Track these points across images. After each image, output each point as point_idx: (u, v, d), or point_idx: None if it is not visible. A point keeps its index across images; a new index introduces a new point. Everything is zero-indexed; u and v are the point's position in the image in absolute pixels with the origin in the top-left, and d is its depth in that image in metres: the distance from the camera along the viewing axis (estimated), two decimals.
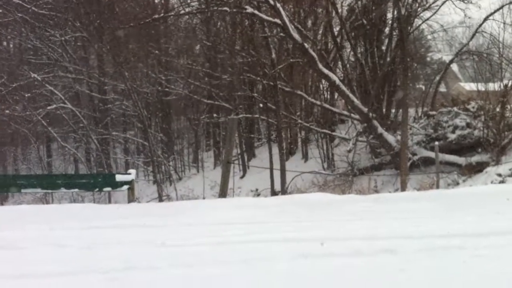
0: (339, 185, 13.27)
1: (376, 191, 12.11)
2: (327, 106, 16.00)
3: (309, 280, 3.37)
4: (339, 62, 16.91)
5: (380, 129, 13.85)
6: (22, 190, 10.52)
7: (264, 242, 4.46)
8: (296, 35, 12.75)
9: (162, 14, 16.35)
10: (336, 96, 17.77)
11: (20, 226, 6.77)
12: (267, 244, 4.40)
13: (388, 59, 15.84)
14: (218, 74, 18.03)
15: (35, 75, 21.21)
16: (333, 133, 16.69)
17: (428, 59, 22.53)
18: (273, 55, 14.50)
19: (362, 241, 4.29)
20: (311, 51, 12.97)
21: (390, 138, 13.92)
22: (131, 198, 9.66)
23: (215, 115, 19.36)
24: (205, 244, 4.62)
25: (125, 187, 9.78)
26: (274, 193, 13.20)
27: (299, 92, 15.49)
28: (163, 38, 21.25)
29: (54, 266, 4.28)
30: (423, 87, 21.81)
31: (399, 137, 13.44)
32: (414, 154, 13.78)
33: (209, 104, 19.24)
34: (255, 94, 17.40)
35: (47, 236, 6.08)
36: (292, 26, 13.02)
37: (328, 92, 18.35)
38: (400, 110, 14.77)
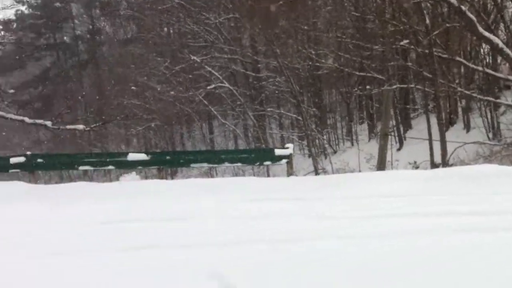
0: (508, 156, 12.29)
1: None
2: (490, 71, 14.83)
3: (480, 256, 3.26)
4: (501, 24, 15.50)
5: None
6: (191, 165, 11.46)
7: (426, 216, 4.37)
8: None
9: None
10: (499, 61, 16.34)
11: (194, 199, 7.42)
12: (430, 217, 4.31)
13: None
14: (368, 45, 17.63)
15: (195, 57, 22.69)
16: (498, 100, 15.43)
17: None
18: (427, 21, 13.77)
19: None
20: (469, 13, 12.08)
21: None
22: (290, 171, 9.98)
23: (367, 87, 19.01)
24: (363, 217, 4.65)
25: (284, 161, 10.14)
26: (434, 165, 12.66)
27: (457, 59, 14.55)
28: (312, 13, 21.30)
29: (223, 236, 4.66)
30: None
31: None
32: None
33: (360, 76, 18.94)
34: (409, 63, 16.73)
35: (216, 208, 6.60)
36: None
37: (490, 57, 16.95)
38: None
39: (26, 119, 17.32)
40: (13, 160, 13.60)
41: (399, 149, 17.60)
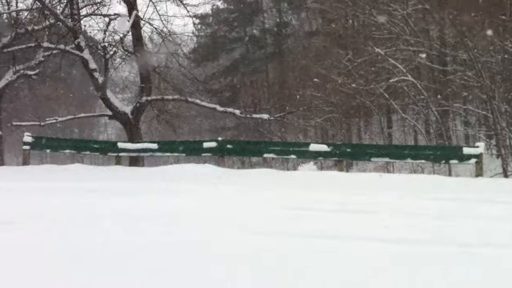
0: None
1: None
2: None
3: None
4: None
5: None
6: (371, 159, 11.46)
7: None
8: None
9: None
10: None
11: (372, 192, 7.47)
12: None
13: None
14: None
15: (378, 50, 22.34)
16: None
17: None
18: None
19: None
20: None
21: None
22: (478, 172, 9.45)
23: None
24: None
25: (473, 160, 9.63)
26: None
27: None
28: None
29: (409, 233, 4.65)
30: None
31: None
32: None
33: None
34: None
35: (396, 203, 6.57)
36: None
37: None
38: None
39: (218, 107, 18.89)
40: (206, 145, 14.98)
41: None
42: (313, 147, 12.56)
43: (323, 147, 12.43)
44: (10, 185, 8.38)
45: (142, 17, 17.61)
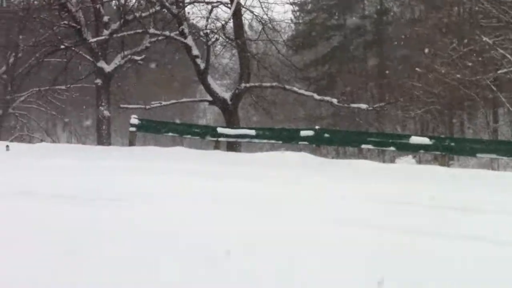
0: None
1: None
2: None
3: None
4: None
5: None
6: (477, 155, 10.88)
7: None
8: None
9: None
10: None
11: (468, 189, 7.10)
12: None
13: None
14: None
15: (486, 39, 21.06)
16: None
17: None
18: None
19: None
20: None
21: None
22: None
23: None
24: None
25: None
26: None
27: None
28: None
29: None
30: None
31: None
32: None
33: None
34: None
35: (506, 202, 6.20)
36: None
37: None
38: None
39: (315, 96, 18.79)
40: (303, 133, 14.98)
41: None
42: (414, 139, 12.16)
43: (425, 140, 12.00)
44: (117, 164, 8.94)
45: (243, 4, 17.85)
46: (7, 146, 14.63)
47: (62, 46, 18.89)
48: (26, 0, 21.52)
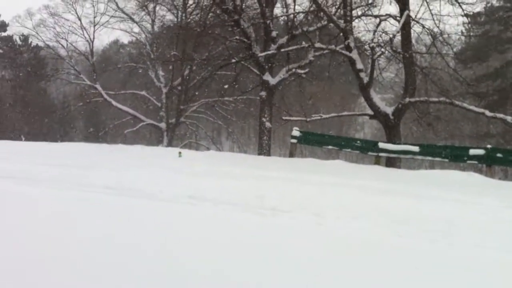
0: None
1: None
2: None
3: None
4: None
5: None
6: None
7: None
8: None
9: None
10: None
11: None
12: None
13: None
14: None
15: None
16: None
17: None
18: None
19: None
20: None
21: None
22: None
23: None
24: None
25: None
26: None
27: None
28: None
29: None
30: None
31: None
32: None
33: None
34: None
35: None
36: None
37: None
38: None
39: (487, 112, 17.48)
40: (472, 152, 14.09)
41: None
42: None
43: None
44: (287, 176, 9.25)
45: (413, 17, 17.35)
46: (180, 152, 15.90)
47: (233, 60, 20.05)
48: (204, 16, 23.32)
